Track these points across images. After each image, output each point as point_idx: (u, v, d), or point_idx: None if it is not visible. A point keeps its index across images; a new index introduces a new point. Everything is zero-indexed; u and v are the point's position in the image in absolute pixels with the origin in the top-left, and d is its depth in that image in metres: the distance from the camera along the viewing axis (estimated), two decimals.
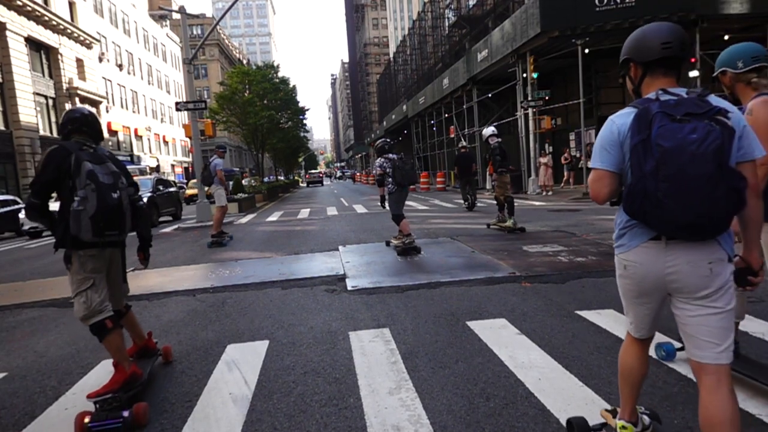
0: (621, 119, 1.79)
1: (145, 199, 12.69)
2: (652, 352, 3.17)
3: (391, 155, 7.41)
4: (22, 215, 15.51)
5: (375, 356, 3.41)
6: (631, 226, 1.82)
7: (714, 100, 1.68)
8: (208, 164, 10.02)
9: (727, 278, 1.71)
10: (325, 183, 60.41)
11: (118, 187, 2.88)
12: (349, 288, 5.43)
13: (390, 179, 7.29)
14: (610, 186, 1.82)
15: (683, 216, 1.61)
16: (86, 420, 2.61)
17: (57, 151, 2.80)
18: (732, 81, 2.51)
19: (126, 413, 2.64)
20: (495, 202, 9.43)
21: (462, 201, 14.63)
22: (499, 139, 9.16)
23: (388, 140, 7.95)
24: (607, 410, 2.30)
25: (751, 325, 3.56)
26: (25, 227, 15.26)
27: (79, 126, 3.00)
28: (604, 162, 1.81)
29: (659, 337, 3.33)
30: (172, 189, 17.87)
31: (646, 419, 2.16)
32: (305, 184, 58.35)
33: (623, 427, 2.07)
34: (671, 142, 1.58)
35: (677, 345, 3.10)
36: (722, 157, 1.56)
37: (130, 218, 3.00)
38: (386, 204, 7.57)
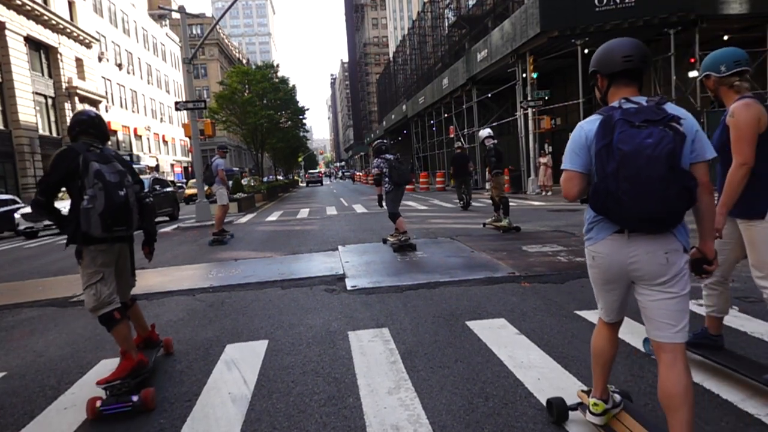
0: (588, 125, 1.98)
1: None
2: (639, 346, 3.25)
3: (388, 155, 7.64)
4: (17, 215, 15.26)
5: (374, 356, 3.41)
6: (597, 221, 2.01)
7: (670, 108, 1.84)
8: (210, 164, 10.24)
9: (681, 266, 1.90)
10: (324, 183, 60.43)
11: (124, 185, 3.03)
12: (348, 288, 5.43)
13: (387, 179, 7.55)
14: (579, 185, 2.00)
15: (641, 212, 1.80)
16: (98, 404, 2.78)
17: (66, 152, 2.97)
18: (715, 84, 2.62)
19: (135, 398, 2.82)
20: (491, 202, 9.57)
21: (457, 201, 14.82)
22: (495, 141, 9.31)
23: (385, 141, 8.20)
24: (583, 391, 2.48)
25: (750, 325, 3.56)
26: (21, 227, 15.05)
27: (86, 128, 3.16)
28: (573, 164, 2.00)
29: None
30: (169, 189, 17.81)
31: (617, 397, 2.35)
32: (305, 184, 58.39)
33: (595, 404, 2.27)
34: (630, 146, 1.76)
35: None
36: (674, 160, 1.73)
37: (137, 214, 3.16)
38: (384, 203, 7.77)
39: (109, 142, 3.35)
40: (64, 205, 3.01)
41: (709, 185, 1.91)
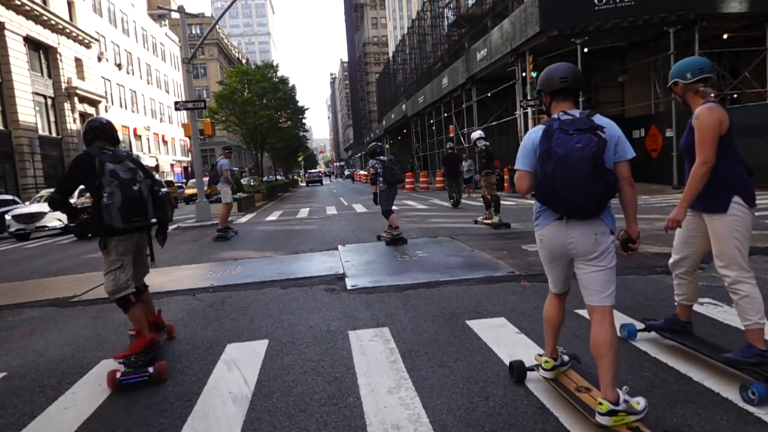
0: (535, 134, 2.40)
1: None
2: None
3: (382, 157, 8.27)
4: (8, 217, 14.86)
5: (374, 355, 3.41)
6: (543, 211, 2.46)
7: (597, 119, 2.28)
8: (215, 164, 10.77)
9: (608, 245, 2.34)
10: (324, 182, 60.45)
11: (137, 181, 3.43)
12: (348, 287, 5.43)
13: (381, 178, 8.16)
14: (528, 182, 2.44)
15: (573, 202, 2.25)
16: (118, 375, 3.18)
17: (83, 157, 3.38)
18: (683, 90, 2.86)
19: (150, 369, 3.23)
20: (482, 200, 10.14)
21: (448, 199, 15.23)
22: (487, 143, 9.85)
23: (380, 144, 8.90)
24: (539, 355, 2.86)
25: None
26: (11, 229, 14.65)
27: (99, 133, 3.57)
28: (524, 165, 2.44)
29: (623, 319, 3.60)
30: (164, 189, 17.72)
31: (566, 357, 2.82)
32: (305, 184, 58.41)
33: (546, 362, 2.74)
34: (563, 149, 2.20)
35: (639, 326, 3.42)
36: (597, 160, 2.16)
37: (151, 205, 3.55)
38: (378, 200, 8.39)
39: (123, 144, 3.50)
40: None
41: (630, 180, 2.34)
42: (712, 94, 2.81)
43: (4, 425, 2.80)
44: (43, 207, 14.96)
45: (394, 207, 8.50)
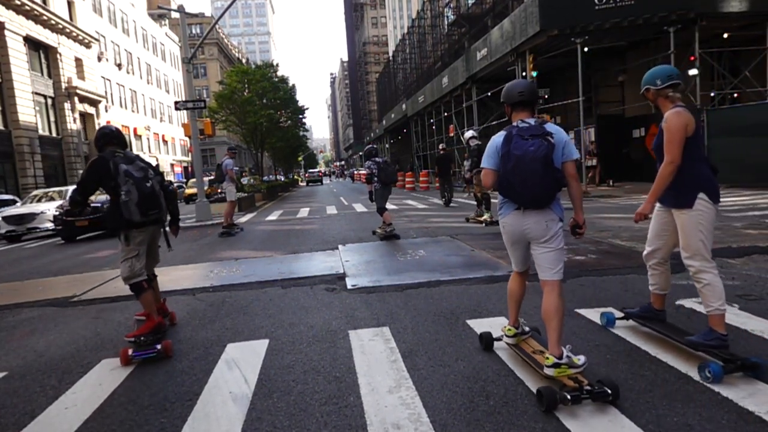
0: (498, 138, 2.87)
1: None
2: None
3: (377, 159, 8.86)
4: None
5: (375, 355, 3.42)
6: (505, 202, 2.96)
7: (548, 126, 2.74)
8: (220, 164, 11.21)
9: (556, 230, 2.85)
10: (324, 182, 60.48)
11: (149, 178, 3.87)
12: (348, 287, 5.43)
13: (376, 178, 8.72)
14: (492, 179, 2.91)
15: (527, 195, 2.75)
16: (130, 352, 3.58)
17: (97, 161, 3.80)
18: (654, 96, 3.13)
19: (158, 346, 3.64)
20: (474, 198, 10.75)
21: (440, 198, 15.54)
22: (479, 142, 10.29)
23: (375, 147, 9.60)
24: (505, 327, 3.32)
25: (750, 323, 3.56)
26: (2, 231, 14.21)
27: (110, 139, 3.99)
28: (489, 164, 2.92)
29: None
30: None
31: (527, 328, 3.33)
32: (305, 183, 58.44)
33: (509, 330, 3.26)
34: (520, 151, 2.68)
35: (617, 315, 3.69)
36: (547, 160, 2.64)
37: (164, 199, 4.00)
38: (374, 198, 8.94)
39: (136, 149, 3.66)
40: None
41: (576, 176, 2.88)
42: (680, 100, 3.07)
43: (4, 425, 2.80)
44: (35, 208, 14.77)
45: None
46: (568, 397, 2.50)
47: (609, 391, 2.53)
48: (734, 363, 2.76)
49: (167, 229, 4.32)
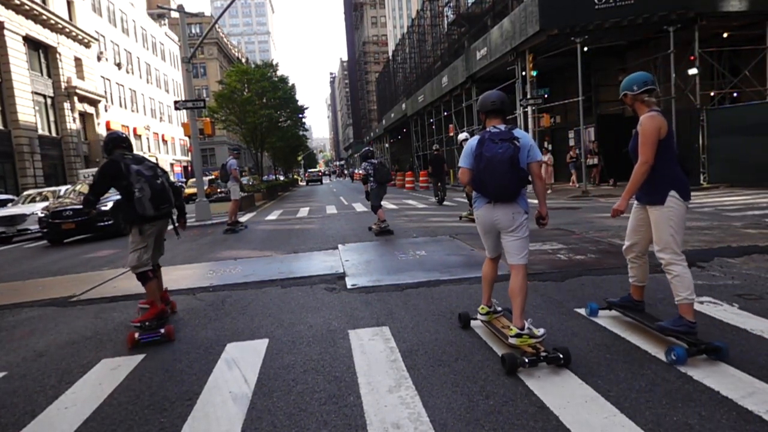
0: (473, 142, 3.32)
1: (110, 204, 10.86)
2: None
3: (373, 160, 9.48)
4: None
5: (375, 354, 3.41)
6: (478, 197, 3.42)
7: (515, 132, 3.19)
8: (224, 164, 11.90)
9: (521, 221, 3.27)
10: (324, 182, 60.50)
11: (158, 176, 4.26)
12: (348, 286, 5.43)
13: (371, 178, 9.32)
14: (468, 176, 3.35)
15: (496, 191, 3.22)
16: (136, 335, 3.94)
17: (109, 163, 4.15)
18: (632, 100, 3.36)
19: (162, 330, 4.01)
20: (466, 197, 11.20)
21: (434, 197, 16.12)
22: None
23: (371, 149, 10.37)
24: (483, 312, 3.73)
25: (750, 322, 3.56)
26: None
27: (118, 143, 4.36)
28: (465, 164, 3.37)
29: (588, 299, 4.30)
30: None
31: (499, 308, 3.77)
32: (305, 183, 58.47)
33: (482, 308, 3.73)
34: (490, 153, 3.13)
35: (601, 305, 3.97)
36: (513, 161, 3.08)
37: (172, 194, 4.37)
38: (369, 197, 9.61)
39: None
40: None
41: (540, 175, 3.29)
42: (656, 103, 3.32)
43: (4, 425, 2.80)
44: (27, 209, 14.18)
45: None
46: (526, 360, 2.96)
47: (561, 356, 2.99)
48: (697, 347, 3.00)
49: (176, 222, 4.73)
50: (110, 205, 11.12)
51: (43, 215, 12.22)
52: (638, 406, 2.51)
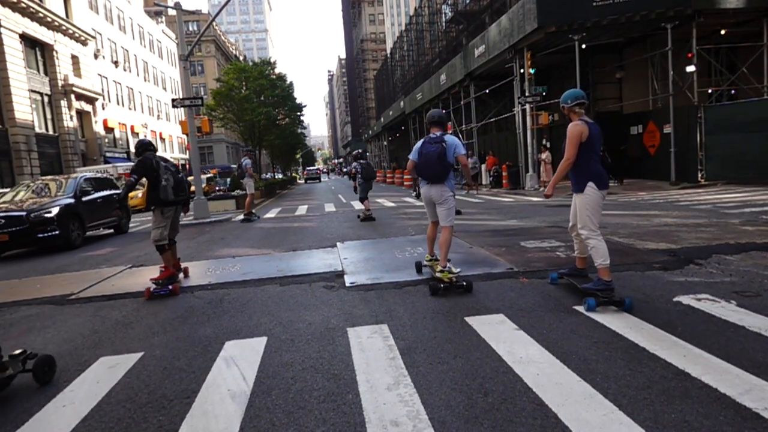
0: (419, 143, 5.06)
1: (55, 211, 10.14)
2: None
3: (362, 160, 12.09)
4: None
5: (373, 352, 3.41)
6: (421, 180, 5.12)
7: (446, 137, 4.93)
8: (240, 163, 13.91)
9: (447, 196, 5.02)
10: (323, 179, 60.46)
11: (179, 171, 5.80)
12: (347, 284, 5.42)
13: (359, 175, 11.80)
14: (413, 166, 5.12)
15: (428, 176, 5.01)
16: (152, 288, 5.46)
17: (144, 161, 5.66)
18: (567, 111, 4.33)
19: (170, 287, 5.50)
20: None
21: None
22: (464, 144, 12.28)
23: (360, 150, 13.18)
24: (428, 259, 5.54)
25: (748, 319, 3.57)
26: None
27: (148, 146, 5.88)
28: (413, 157, 5.11)
29: (552, 268, 4.35)
30: (110, 192, 12.59)
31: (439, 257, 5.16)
32: (303, 181, 58.45)
33: (427, 257, 5.60)
34: (427, 150, 4.93)
35: (558, 273, 4.84)
36: (442, 156, 4.85)
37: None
38: (357, 190, 12.00)
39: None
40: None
41: (466, 163, 5.04)
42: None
43: (2, 423, 2.79)
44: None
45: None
46: (441, 286, 4.71)
47: (464, 283, 4.72)
48: (606, 299, 3.94)
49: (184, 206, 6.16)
50: (55, 210, 10.51)
51: None
52: (636, 403, 2.52)
